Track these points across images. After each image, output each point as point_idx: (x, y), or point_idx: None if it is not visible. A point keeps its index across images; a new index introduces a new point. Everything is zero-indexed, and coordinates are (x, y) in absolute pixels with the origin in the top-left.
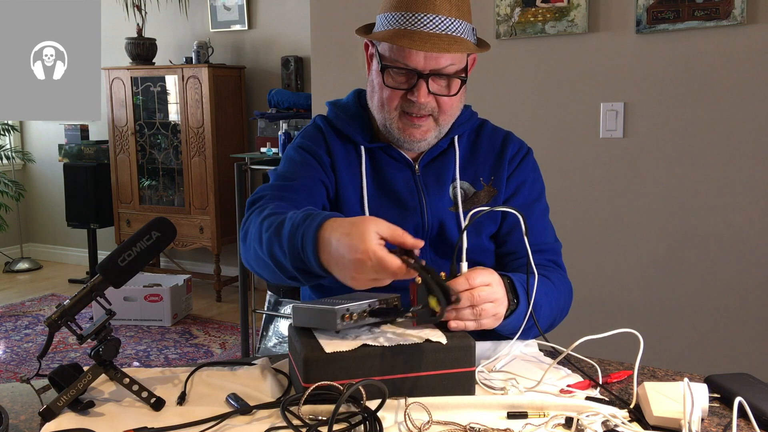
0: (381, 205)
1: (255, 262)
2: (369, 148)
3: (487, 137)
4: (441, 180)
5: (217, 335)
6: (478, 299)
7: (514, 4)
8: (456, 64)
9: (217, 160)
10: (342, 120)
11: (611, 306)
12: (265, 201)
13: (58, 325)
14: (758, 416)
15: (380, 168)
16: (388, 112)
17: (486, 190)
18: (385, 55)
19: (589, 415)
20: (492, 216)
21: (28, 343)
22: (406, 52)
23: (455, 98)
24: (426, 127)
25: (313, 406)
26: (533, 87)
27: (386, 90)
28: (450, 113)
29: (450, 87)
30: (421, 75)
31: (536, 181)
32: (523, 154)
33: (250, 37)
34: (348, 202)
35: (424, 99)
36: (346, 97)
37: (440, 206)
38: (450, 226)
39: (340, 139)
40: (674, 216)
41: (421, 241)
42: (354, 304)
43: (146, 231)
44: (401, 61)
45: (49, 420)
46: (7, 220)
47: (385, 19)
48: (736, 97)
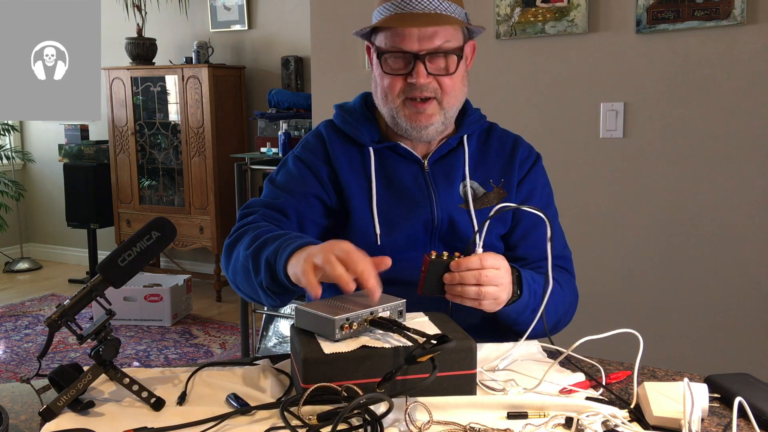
0: (390, 204)
1: (233, 275)
2: (377, 149)
3: (497, 139)
4: (450, 178)
5: (217, 335)
6: (484, 279)
7: (514, 4)
8: (451, 41)
9: (217, 160)
10: (348, 123)
11: (611, 306)
12: (256, 217)
13: (58, 325)
14: (758, 416)
15: (389, 167)
16: (392, 101)
17: (496, 191)
18: (381, 45)
19: (589, 415)
20: (502, 218)
21: (28, 343)
22: (399, 36)
23: (456, 78)
24: (431, 111)
25: (313, 407)
26: (533, 87)
27: (387, 78)
28: (453, 94)
29: (448, 66)
30: (417, 56)
31: (546, 187)
32: (533, 160)
33: (250, 37)
34: (357, 205)
35: (424, 80)
36: (353, 100)
37: (450, 202)
38: (461, 222)
39: (345, 143)
40: (674, 216)
41: (352, 285)
42: (354, 313)
43: (146, 231)
44: (397, 46)
45: (49, 420)
46: (7, 220)
47: (378, 12)
48: (736, 97)
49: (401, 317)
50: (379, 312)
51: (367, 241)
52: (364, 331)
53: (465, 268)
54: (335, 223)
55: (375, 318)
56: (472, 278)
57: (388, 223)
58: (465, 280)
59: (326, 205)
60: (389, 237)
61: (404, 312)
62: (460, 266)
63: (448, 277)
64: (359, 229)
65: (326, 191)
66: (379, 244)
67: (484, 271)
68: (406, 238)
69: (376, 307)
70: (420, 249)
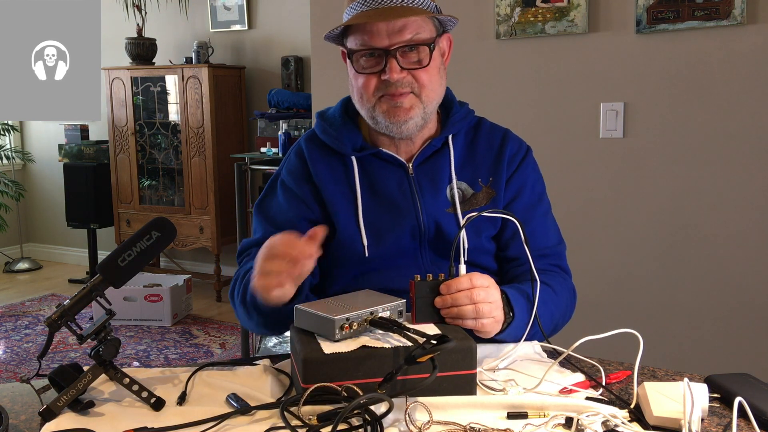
0: (375, 213)
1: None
2: (360, 157)
3: (485, 135)
4: (436, 181)
5: (217, 335)
6: (477, 298)
7: (514, 4)
8: (421, 33)
9: (217, 160)
10: (328, 134)
11: (611, 306)
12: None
13: (58, 325)
14: (758, 416)
15: (372, 174)
16: (368, 100)
17: (485, 191)
18: (352, 46)
19: (589, 415)
20: (492, 218)
21: (28, 343)
22: (368, 34)
23: (432, 71)
24: (409, 104)
25: (313, 407)
26: (533, 87)
27: (360, 78)
28: (430, 87)
29: (421, 59)
30: (388, 52)
31: (537, 182)
32: (522, 155)
33: (250, 37)
34: (343, 218)
35: (398, 75)
36: (333, 107)
37: (436, 207)
38: (448, 227)
39: (327, 155)
40: (674, 216)
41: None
42: (354, 313)
43: (146, 231)
44: (367, 44)
45: (49, 420)
46: (7, 220)
47: (346, 14)
48: (736, 97)
49: (401, 317)
50: (379, 312)
51: (355, 253)
52: (364, 331)
53: (455, 289)
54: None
55: (375, 318)
56: (465, 298)
57: (375, 234)
58: (458, 301)
59: (317, 223)
60: (377, 248)
61: (404, 312)
62: (450, 288)
63: (439, 301)
64: (346, 241)
65: (312, 210)
66: (367, 256)
67: (475, 290)
68: (395, 248)
69: (376, 307)
70: (410, 257)
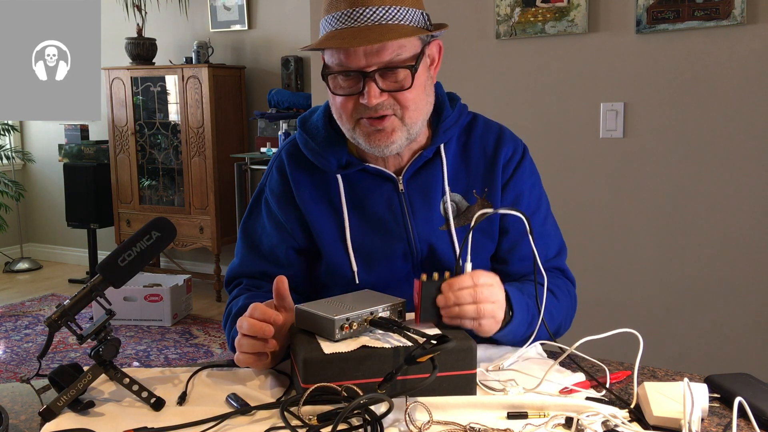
0: (364, 236)
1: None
2: (345, 174)
3: (478, 138)
4: (428, 196)
5: (217, 335)
6: (480, 297)
7: (514, 4)
8: (402, 53)
9: (217, 160)
10: (311, 149)
11: (611, 306)
12: (240, 289)
13: (58, 325)
14: (758, 416)
15: (359, 192)
16: (347, 122)
17: (480, 203)
18: (329, 63)
19: (589, 415)
20: (489, 233)
21: (28, 343)
22: (343, 53)
23: (416, 90)
24: (390, 128)
25: (313, 407)
26: (533, 87)
27: (338, 98)
28: (414, 108)
29: (402, 81)
30: (366, 74)
31: (534, 187)
32: (517, 159)
33: (250, 37)
34: (328, 242)
35: (376, 99)
36: (316, 114)
37: (428, 228)
38: (441, 249)
39: (311, 171)
40: (674, 216)
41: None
42: (354, 313)
43: (146, 231)
44: (344, 64)
45: (49, 420)
46: (7, 220)
47: (322, 26)
48: (736, 97)
49: (401, 317)
50: (379, 312)
51: (344, 279)
52: (364, 331)
53: (458, 287)
54: (311, 261)
55: (375, 318)
56: (468, 297)
57: (365, 259)
58: (461, 299)
59: (301, 251)
60: (368, 275)
61: (404, 312)
62: (452, 286)
63: (441, 300)
64: (334, 267)
65: (296, 239)
66: (357, 282)
67: (478, 288)
68: (387, 274)
69: (376, 307)
70: (402, 281)
